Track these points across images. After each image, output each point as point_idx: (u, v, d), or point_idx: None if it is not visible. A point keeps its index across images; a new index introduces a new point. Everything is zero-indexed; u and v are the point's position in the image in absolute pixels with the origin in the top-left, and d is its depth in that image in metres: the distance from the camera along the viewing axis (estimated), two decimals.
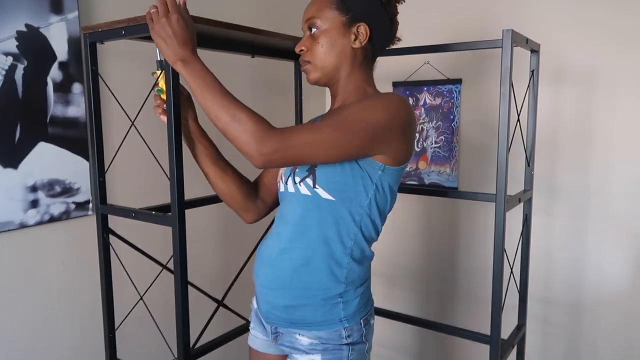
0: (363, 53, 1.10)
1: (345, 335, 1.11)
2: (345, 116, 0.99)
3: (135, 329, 1.65)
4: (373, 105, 1.00)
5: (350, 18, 1.06)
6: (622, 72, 1.78)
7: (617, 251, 1.86)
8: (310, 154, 0.97)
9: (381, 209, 1.10)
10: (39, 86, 1.40)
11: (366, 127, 0.98)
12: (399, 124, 1.01)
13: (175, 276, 1.17)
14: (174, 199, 1.12)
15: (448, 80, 2.08)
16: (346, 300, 1.11)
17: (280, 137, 0.93)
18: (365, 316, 1.15)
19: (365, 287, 1.16)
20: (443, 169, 2.15)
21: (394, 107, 1.01)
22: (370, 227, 1.10)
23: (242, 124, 0.93)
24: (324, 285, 1.09)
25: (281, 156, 0.94)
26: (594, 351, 1.95)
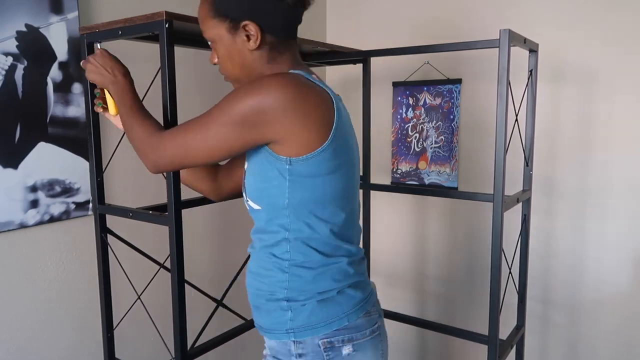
0: (266, 48, 0.98)
1: (295, 352, 0.98)
2: (212, 110, 0.93)
3: (133, 328, 1.65)
4: (241, 92, 0.90)
5: (232, 21, 0.96)
6: (621, 72, 1.78)
7: (617, 251, 1.86)
8: (188, 156, 0.96)
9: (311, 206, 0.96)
10: (39, 86, 1.41)
11: (233, 118, 0.90)
12: (275, 105, 0.88)
13: (172, 275, 1.17)
14: (170, 199, 1.13)
15: (448, 80, 2.08)
16: (294, 306, 0.99)
17: (159, 144, 0.98)
18: (327, 337, 0.97)
19: (330, 301, 0.98)
20: (443, 169, 2.15)
21: (265, 88, 0.89)
22: (308, 227, 0.97)
23: (135, 134, 1.02)
24: (270, 287, 1.02)
25: (164, 162, 0.99)
26: (593, 351, 1.94)
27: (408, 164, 2.23)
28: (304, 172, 0.93)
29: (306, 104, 0.90)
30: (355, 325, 0.99)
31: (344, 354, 0.97)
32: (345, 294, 1.00)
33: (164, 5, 1.52)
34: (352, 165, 1.02)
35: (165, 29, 1.08)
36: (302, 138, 0.91)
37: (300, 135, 0.91)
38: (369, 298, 1.05)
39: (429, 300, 2.35)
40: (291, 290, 0.99)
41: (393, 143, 2.26)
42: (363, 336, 1.00)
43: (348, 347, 0.97)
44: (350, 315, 0.99)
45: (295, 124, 0.90)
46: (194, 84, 1.86)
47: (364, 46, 2.00)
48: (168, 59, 1.10)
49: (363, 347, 0.99)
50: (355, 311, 1.00)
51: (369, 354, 1.00)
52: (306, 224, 0.97)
